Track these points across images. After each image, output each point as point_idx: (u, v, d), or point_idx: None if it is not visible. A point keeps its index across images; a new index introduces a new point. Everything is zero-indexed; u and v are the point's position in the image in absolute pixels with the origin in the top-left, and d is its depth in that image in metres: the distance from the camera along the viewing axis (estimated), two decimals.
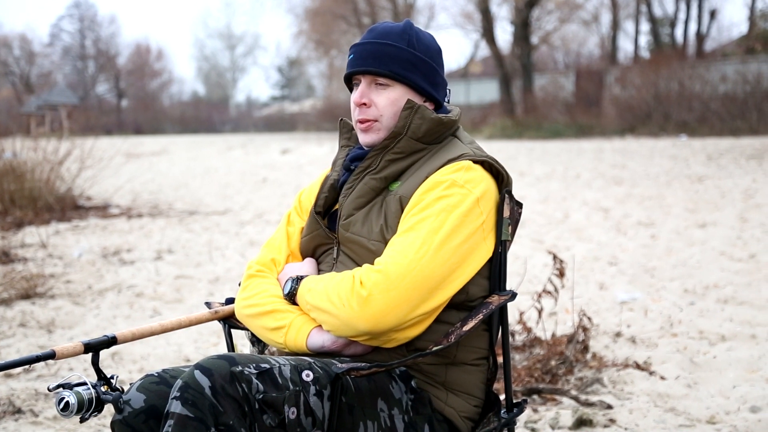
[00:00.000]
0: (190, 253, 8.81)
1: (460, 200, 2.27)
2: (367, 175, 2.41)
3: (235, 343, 2.64)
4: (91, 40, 71.74)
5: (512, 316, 5.05)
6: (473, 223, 2.28)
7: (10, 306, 6.30)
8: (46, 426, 3.92)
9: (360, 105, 2.42)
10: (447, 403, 2.32)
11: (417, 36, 2.43)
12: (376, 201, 2.39)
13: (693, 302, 6.05)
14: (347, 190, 2.44)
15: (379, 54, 2.39)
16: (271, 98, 77.57)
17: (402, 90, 2.41)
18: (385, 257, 2.24)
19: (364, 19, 42.10)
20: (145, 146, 32.20)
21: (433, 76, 2.44)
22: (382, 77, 2.40)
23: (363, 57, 2.41)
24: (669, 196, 12.31)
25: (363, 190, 2.40)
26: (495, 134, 28.92)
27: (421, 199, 2.29)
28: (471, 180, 2.31)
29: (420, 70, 2.42)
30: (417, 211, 2.28)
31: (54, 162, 12.83)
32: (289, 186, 16.21)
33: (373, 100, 2.41)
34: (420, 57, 2.41)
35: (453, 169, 2.32)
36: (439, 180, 2.31)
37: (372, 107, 2.41)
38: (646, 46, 43.17)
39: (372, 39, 2.43)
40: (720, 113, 24.75)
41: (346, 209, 2.41)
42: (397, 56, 2.39)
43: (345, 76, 2.47)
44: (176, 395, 1.98)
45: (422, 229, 2.23)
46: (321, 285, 2.29)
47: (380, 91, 2.41)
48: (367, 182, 2.40)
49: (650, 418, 3.84)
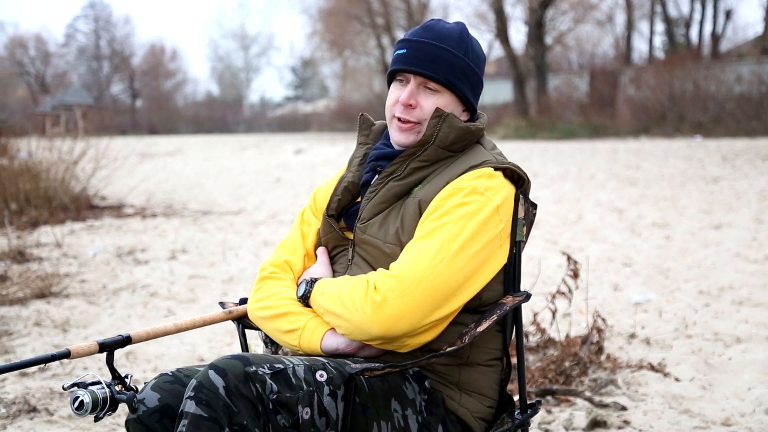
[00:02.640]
0: (204, 253, 8.83)
1: (479, 208, 2.26)
2: (391, 180, 2.39)
3: (249, 342, 2.64)
4: (105, 41, 72.11)
5: (526, 317, 5.04)
6: (491, 231, 2.27)
7: (26, 305, 6.33)
8: (60, 425, 3.93)
9: (406, 105, 2.39)
10: (460, 404, 2.31)
11: (471, 44, 2.40)
12: (396, 205, 2.38)
13: (708, 304, 6.02)
14: (370, 193, 2.42)
15: (437, 58, 2.35)
16: (284, 98, 77.74)
17: (449, 98, 2.38)
18: (400, 262, 2.23)
19: (378, 19, 42.10)
20: (160, 146, 32.29)
21: (479, 87, 2.43)
22: (434, 82, 2.36)
23: (418, 57, 2.37)
24: (683, 197, 12.27)
25: (386, 196, 2.38)
26: (509, 135, 28.88)
27: (440, 205, 2.28)
28: (491, 188, 2.29)
29: (470, 81, 2.39)
30: (436, 217, 2.26)
31: (69, 162, 12.88)
32: (302, 186, 16.23)
33: (420, 102, 2.38)
34: (472, 67, 2.39)
35: (474, 176, 2.30)
36: (459, 186, 2.29)
37: (417, 109, 2.38)
38: (660, 46, 43.11)
39: (430, 40, 2.38)
40: (735, 114, 24.65)
41: (366, 212, 2.40)
42: (453, 64, 2.36)
43: (393, 69, 2.42)
44: (190, 395, 1.99)
45: (440, 235, 2.22)
46: (334, 288, 2.29)
47: (428, 95, 2.38)
48: (390, 188, 2.38)
49: (665, 420, 3.82)
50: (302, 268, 2.52)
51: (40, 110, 43.85)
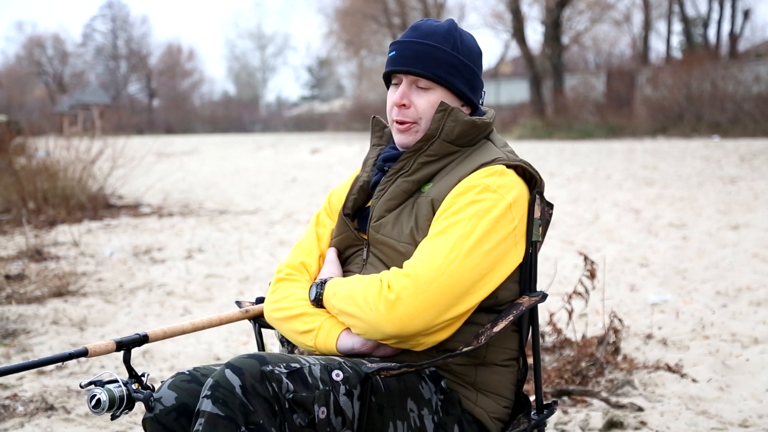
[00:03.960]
0: (220, 252, 8.85)
1: (492, 205, 2.25)
2: (400, 177, 2.39)
3: (265, 342, 2.65)
4: (123, 40, 72.38)
5: (542, 317, 5.03)
6: (505, 229, 2.26)
7: (43, 304, 6.36)
8: (77, 423, 3.95)
9: (399, 106, 2.40)
10: (477, 404, 2.31)
11: (461, 38, 2.40)
12: (408, 203, 2.38)
13: (725, 304, 5.99)
14: (379, 191, 2.42)
15: (423, 55, 2.36)
16: (300, 98, 77.77)
17: (442, 93, 2.38)
18: (414, 261, 2.22)
19: (395, 19, 42.10)
20: (176, 146, 32.38)
21: (473, 80, 2.42)
22: (423, 79, 2.37)
23: (405, 56, 2.38)
24: (701, 197, 12.21)
25: (395, 192, 2.39)
26: (525, 135, 28.81)
27: (452, 203, 2.28)
28: (504, 185, 2.29)
29: (462, 74, 2.39)
30: (448, 215, 2.26)
31: (86, 161, 12.94)
32: (318, 186, 16.24)
33: (413, 101, 2.38)
34: (463, 61, 2.38)
35: (486, 173, 2.30)
36: (471, 184, 2.29)
37: (411, 109, 2.39)
38: (678, 46, 42.89)
39: (416, 38, 2.39)
40: (753, 114, 24.52)
41: (377, 211, 2.40)
42: (441, 59, 2.36)
43: (385, 73, 2.44)
44: (207, 394, 1.99)
45: (453, 233, 2.22)
46: (347, 288, 2.28)
47: (421, 94, 2.38)
48: (399, 185, 2.39)
49: (681, 421, 3.81)
50: (318, 270, 2.52)
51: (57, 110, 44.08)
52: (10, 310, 6.12)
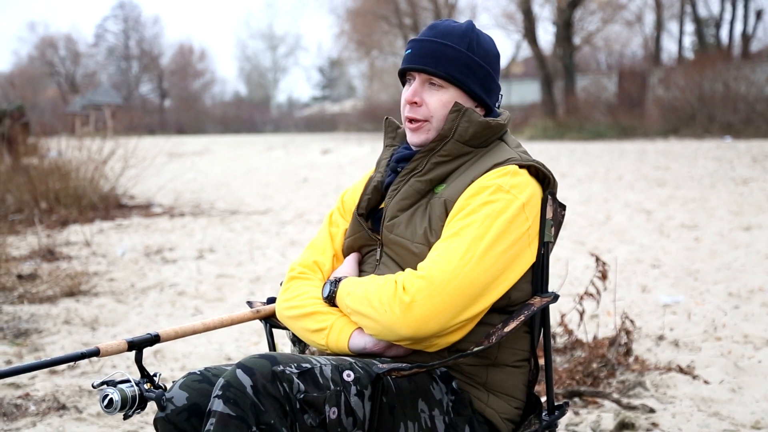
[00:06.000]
0: (231, 253, 8.87)
1: (505, 206, 2.25)
2: (413, 177, 2.39)
3: (276, 342, 2.65)
4: (135, 41, 72.60)
5: (554, 318, 5.02)
6: (518, 229, 2.26)
7: (55, 303, 6.38)
8: (89, 422, 3.96)
9: (411, 103, 2.40)
10: (488, 405, 2.31)
11: (478, 39, 2.40)
12: (421, 203, 2.38)
13: (737, 306, 5.97)
14: (393, 191, 2.42)
15: (437, 54, 2.36)
16: (312, 98, 77.84)
17: (455, 93, 2.38)
18: (428, 262, 2.22)
19: (406, 19, 42.10)
20: (188, 146, 32.44)
21: (488, 81, 2.41)
22: (436, 78, 2.37)
23: (420, 54, 2.38)
24: (713, 198, 12.17)
25: (408, 192, 2.39)
26: (536, 135, 28.76)
27: (466, 204, 2.28)
28: (517, 185, 2.28)
29: (476, 75, 2.38)
30: (462, 216, 2.26)
31: (98, 161, 12.98)
32: (329, 186, 16.25)
33: (424, 99, 2.38)
34: (478, 62, 2.38)
35: (499, 173, 2.30)
36: (484, 185, 2.28)
37: (423, 107, 2.38)
38: (690, 46, 42.75)
39: (432, 37, 2.39)
40: (766, 115, 24.43)
41: (390, 211, 2.40)
42: (455, 59, 2.36)
43: (399, 70, 2.45)
44: (218, 394, 1.99)
45: (467, 234, 2.22)
46: (361, 289, 2.28)
47: (433, 92, 2.38)
48: (412, 184, 2.39)
49: (693, 423, 3.79)
50: (331, 269, 2.52)
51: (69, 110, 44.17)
52: (22, 310, 6.15)
